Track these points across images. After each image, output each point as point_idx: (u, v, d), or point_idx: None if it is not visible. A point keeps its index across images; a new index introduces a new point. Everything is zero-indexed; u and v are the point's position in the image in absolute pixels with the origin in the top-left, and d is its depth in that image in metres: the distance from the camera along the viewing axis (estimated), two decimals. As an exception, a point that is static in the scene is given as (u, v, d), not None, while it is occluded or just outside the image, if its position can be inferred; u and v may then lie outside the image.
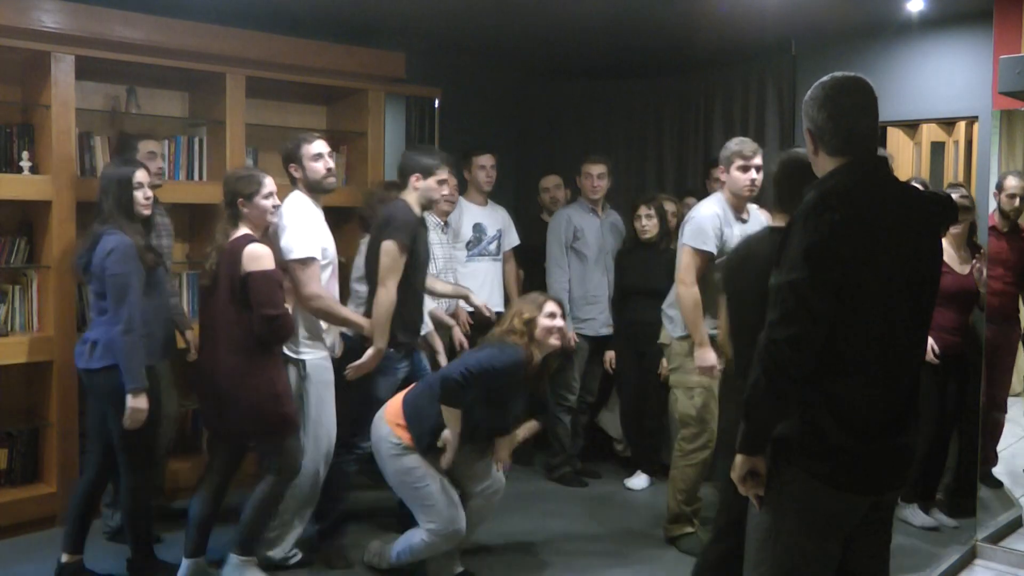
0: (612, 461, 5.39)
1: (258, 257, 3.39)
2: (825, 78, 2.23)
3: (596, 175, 5.09)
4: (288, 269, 3.63)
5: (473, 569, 3.77)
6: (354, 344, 3.94)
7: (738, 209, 4.02)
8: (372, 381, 3.85)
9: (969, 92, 4.88)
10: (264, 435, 3.51)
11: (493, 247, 5.12)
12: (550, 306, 3.61)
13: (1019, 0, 4.25)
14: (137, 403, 3.43)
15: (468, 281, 4.87)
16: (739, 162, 3.91)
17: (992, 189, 4.41)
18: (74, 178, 4.24)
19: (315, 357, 3.75)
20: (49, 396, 4.24)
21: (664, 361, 4.80)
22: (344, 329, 3.98)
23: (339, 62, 5.07)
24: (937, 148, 5.66)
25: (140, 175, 3.64)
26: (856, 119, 2.18)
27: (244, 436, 3.58)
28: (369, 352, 3.78)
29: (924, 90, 5.11)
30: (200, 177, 4.82)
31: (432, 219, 4.63)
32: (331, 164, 3.82)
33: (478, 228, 5.08)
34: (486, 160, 5.15)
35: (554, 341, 3.59)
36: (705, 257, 3.94)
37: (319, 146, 3.79)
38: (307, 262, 3.65)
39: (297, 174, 3.81)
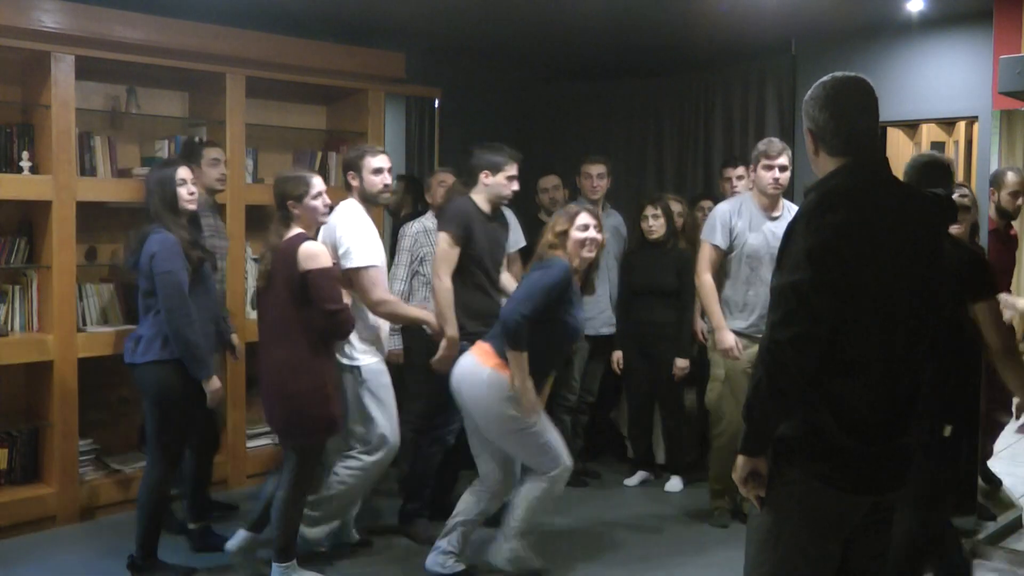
0: (623, 459, 5.37)
1: (314, 255, 3.44)
2: (826, 78, 2.22)
3: (596, 175, 5.09)
4: (352, 278, 3.72)
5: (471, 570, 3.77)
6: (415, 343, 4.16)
7: (767, 208, 4.22)
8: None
9: (969, 92, 4.88)
10: (306, 433, 3.53)
11: None
12: (582, 218, 3.59)
13: (1019, 0, 4.25)
14: (211, 385, 3.66)
15: None
16: (764, 161, 4.16)
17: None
18: (74, 178, 4.24)
19: (370, 362, 3.82)
20: (49, 396, 4.24)
21: (677, 361, 4.81)
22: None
23: (339, 62, 5.07)
24: (937, 148, 5.67)
25: (183, 172, 3.74)
26: (857, 119, 2.18)
27: (289, 431, 3.56)
28: (442, 344, 3.88)
29: (924, 90, 5.11)
30: (200, 177, 4.81)
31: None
32: (389, 180, 3.93)
33: None
34: None
35: (587, 253, 3.58)
36: (716, 249, 4.23)
37: (381, 161, 3.90)
38: (369, 270, 3.75)
39: (354, 182, 3.91)
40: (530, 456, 3.56)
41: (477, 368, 3.52)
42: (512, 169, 4.06)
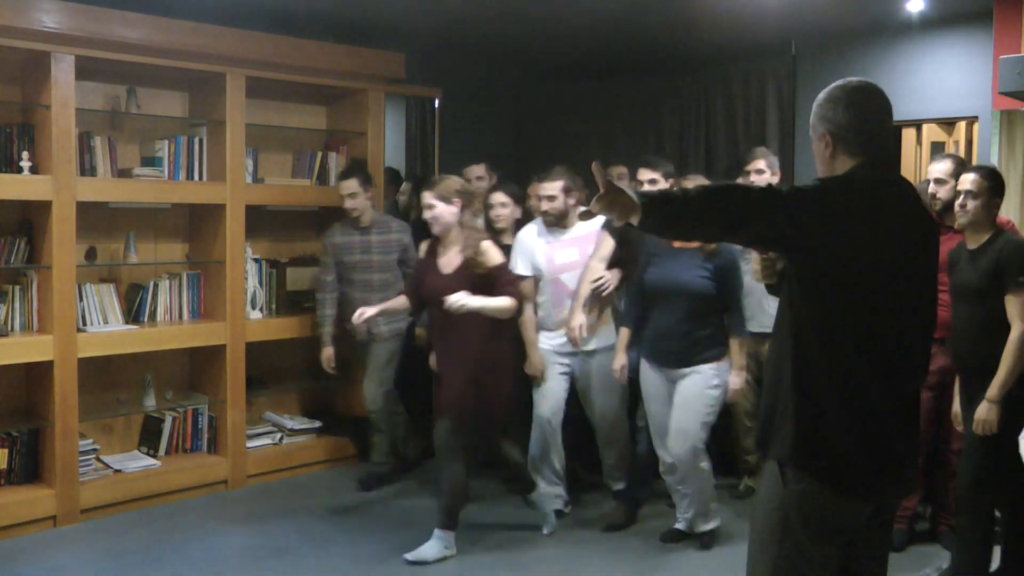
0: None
1: None
2: (840, 82, 2.21)
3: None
4: None
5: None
6: None
7: None
8: None
9: (969, 92, 4.88)
10: None
11: None
12: None
13: (1019, 0, 4.25)
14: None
15: None
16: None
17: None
18: (74, 178, 4.24)
19: None
20: (49, 396, 4.24)
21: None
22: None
23: (339, 62, 5.07)
24: (937, 148, 5.66)
25: (494, 197, 4.58)
26: (879, 120, 2.19)
27: None
28: None
29: (924, 90, 5.11)
30: (200, 177, 4.81)
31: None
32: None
33: None
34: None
35: None
36: None
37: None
38: None
39: None
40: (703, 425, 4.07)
41: None
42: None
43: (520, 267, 4.33)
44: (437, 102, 5.84)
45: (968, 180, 3.55)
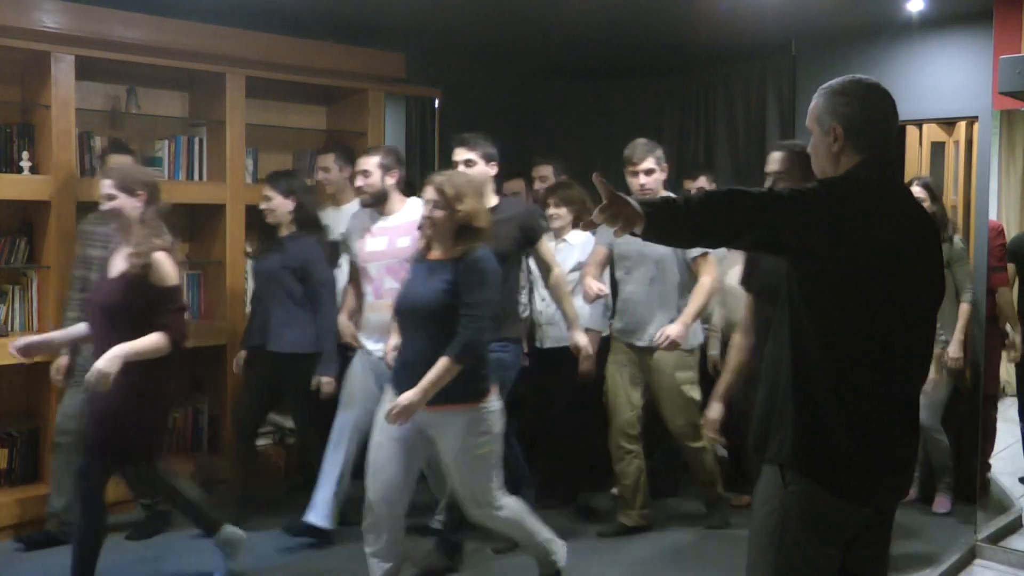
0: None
1: None
2: (850, 77, 2.21)
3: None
4: None
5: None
6: None
7: None
8: None
9: (969, 92, 4.87)
10: None
11: None
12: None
13: (1019, 0, 4.25)
14: None
15: None
16: (628, 167, 4.15)
17: (993, 188, 4.38)
18: (74, 178, 4.24)
19: None
20: (49, 396, 4.24)
21: None
22: None
23: (339, 62, 5.07)
24: (937, 148, 5.65)
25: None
26: (887, 120, 2.21)
27: None
28: None
29: (924, 90, 5.11)
30: (200, 177, 4.82)
31: None
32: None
33: None
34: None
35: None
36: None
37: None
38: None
39: None
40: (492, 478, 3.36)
41: None
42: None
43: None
44: (437, 102, 5.84)
45: (775, 159, 3.12)
